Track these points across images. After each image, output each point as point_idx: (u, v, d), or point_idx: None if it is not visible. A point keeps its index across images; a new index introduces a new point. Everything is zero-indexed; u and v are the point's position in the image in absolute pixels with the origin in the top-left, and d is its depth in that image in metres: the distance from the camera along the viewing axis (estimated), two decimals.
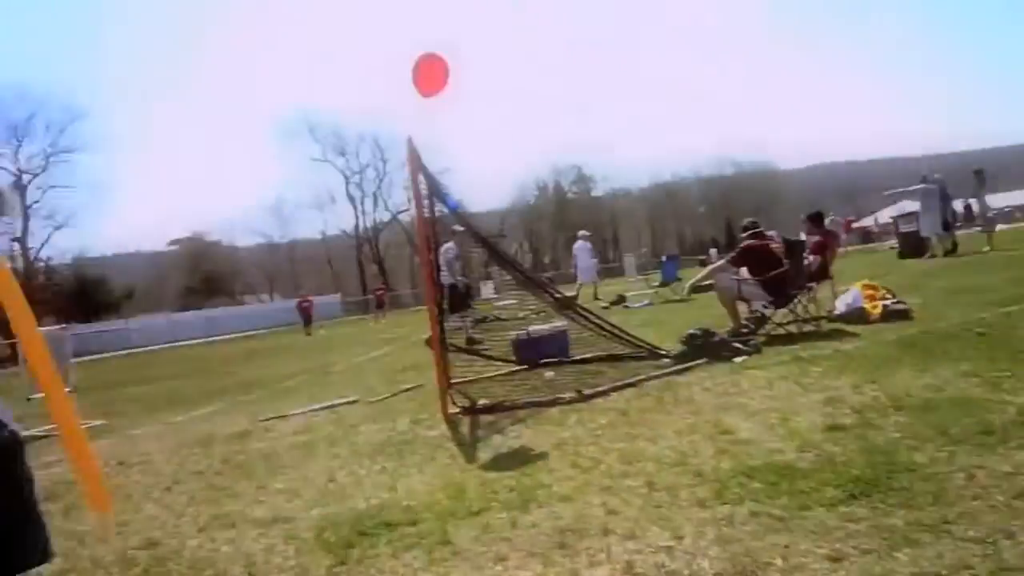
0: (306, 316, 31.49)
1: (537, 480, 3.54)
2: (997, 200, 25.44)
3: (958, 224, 19.43)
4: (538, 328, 7.84)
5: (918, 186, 17.73)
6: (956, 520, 2.41)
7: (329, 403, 7.14)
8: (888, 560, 2.21)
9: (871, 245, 38.61)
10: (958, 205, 20.18)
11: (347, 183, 76.26)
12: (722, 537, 2.55)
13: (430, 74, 5.66)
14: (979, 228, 17.02)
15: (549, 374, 6.85)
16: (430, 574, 2.65)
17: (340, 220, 78.48)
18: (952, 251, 16.82)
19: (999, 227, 21.54)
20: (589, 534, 2.77)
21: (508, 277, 9.02)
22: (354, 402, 7.09)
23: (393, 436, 5.10)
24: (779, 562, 2.30)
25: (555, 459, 3.90)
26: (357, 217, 77.12)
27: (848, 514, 2.59)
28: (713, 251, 34.40)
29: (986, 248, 16.22)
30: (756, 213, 12.82)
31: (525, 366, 7.53)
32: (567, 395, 5.58)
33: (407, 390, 7.33)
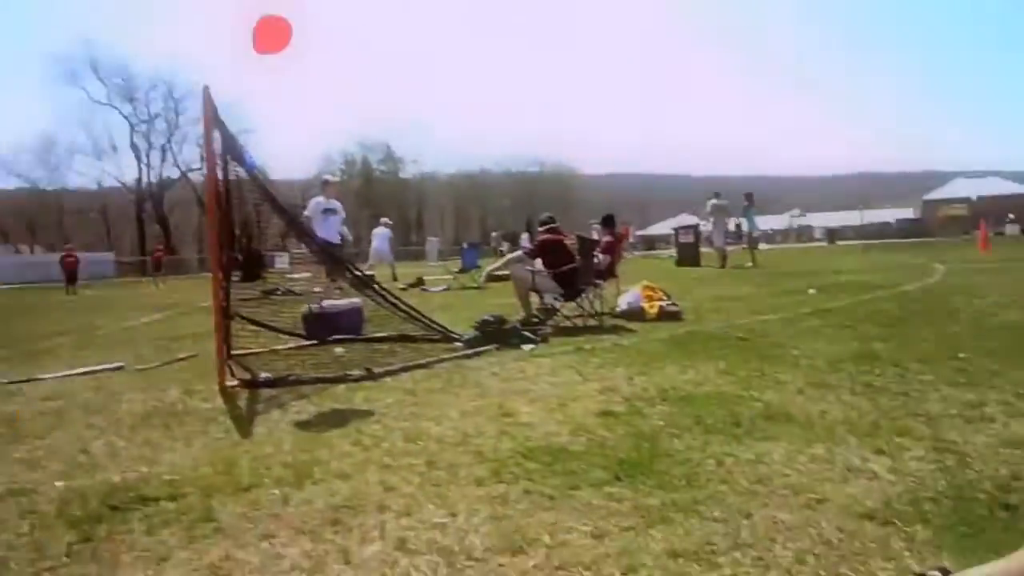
0: (70, 273, 28.30)
1: (315, 456, 3.42)
2: (761, 222, 28.31)
3: (729, 241, 21.43)
4: (331, 303, 7.61)
5: (713, 201, 19.36)
6: (704, 501, 2.63)
7: (90, 368, 6.48)
8: (644, 537, 2.36)
9: (654, 252, 41.66)
10: (729, 224, 22.36)
11: (132, 132, 69.15)
12: (495, 514, 2.60)
13: (271, 33, 5.29)
14: (744, 246, 18.92)
15: (339, 351, 6.68)
16: (187, 552, 2.47)
17: (121, 172, 71.04)
18: (722, 265, 18.54)
19: (761, 246, 24.28)
20: (364, 511, 2.71)
21: (303, 249, 8.67)
22: (119, 368, 6.49)
23: (161, 407, 4.72)
24: (546, 538, 2.38)
25: (336, 436, 3.79)
26: (141, 170, 70.23)
27: (612, 494, 2.74)
28: (506, 245, 35.42)
29: (749, 264, 18.05)
30: (554, 211, 13.32)
31: (314, 341, 7.28)
32: (355, 373, 5.46)
33: (182, 359, 6.83)
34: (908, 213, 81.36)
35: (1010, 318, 6.87)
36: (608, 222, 9.54)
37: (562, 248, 8.06)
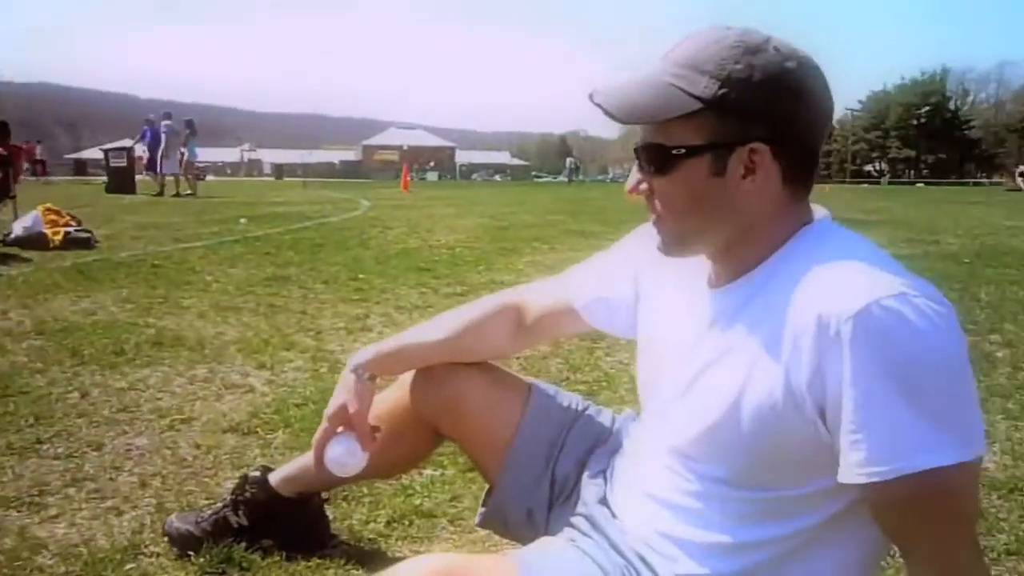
0: None
1: None
2: (214, 154, 27.26)
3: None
4: None
5: (168, 122, 17.56)
6: (50, 439, 2.29)
7: None
8: None
9: (85, 178, 37.01)
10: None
11: None
12: None
13: None
14: (184, 175, 17.92)
15: None
16: None
17: None
18: (160, 192, 17.32)
19: (209, 178, 23.40)
20: None
21: None
22: None
23: None
24: None
25: None
26: None
27: None
28: None
29: (189, 192, 17.25)
30: None
31: None
32: None
33: None
34: (350, 155, 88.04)
35: (409, 245, 7.83)
36: (0, 131, 7.94)
37: None
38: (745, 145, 0.91)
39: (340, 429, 1.30)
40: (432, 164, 78.88)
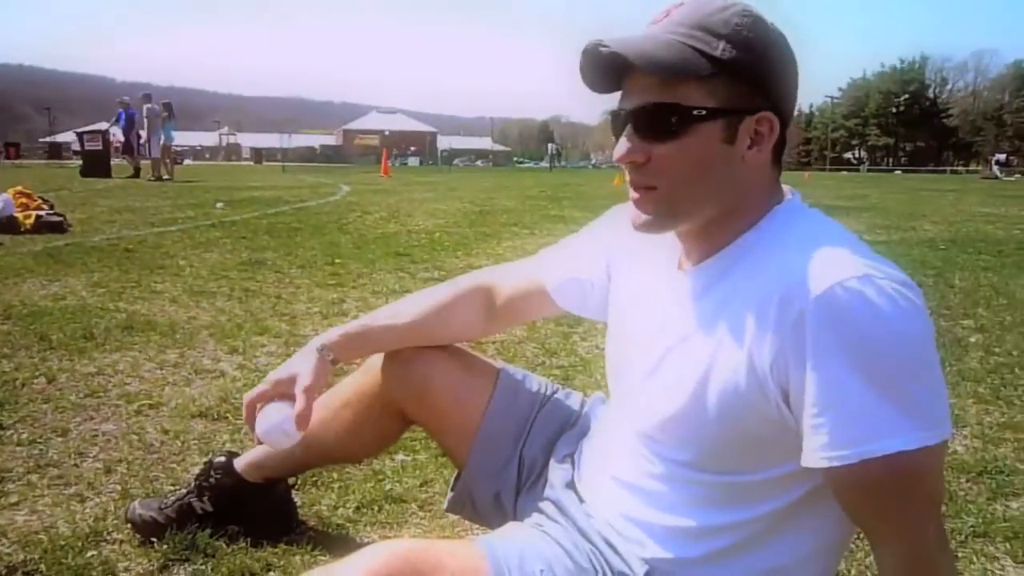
0: None
1: None
2: (186, 137, 26.96)
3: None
4: None
5: (150, 105, 17.29)
6: (13, 425, 2.24)
7: None
8: None
9: (64, 162, 36.45)
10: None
11: None
12: None
13: None
14: (162, 158, 17.66)
15: None
16: None
17: None
18: (135, 175, 17.09)
19: (187, 162, 23.10)
20: None
21: None
22: None
23: None
24: None
25: None
26: None
27: None
28: None
29: (166, 176, 17.02)
30: None
31: None
32: None
33: None
34: (330, 140, 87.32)
35: (388, 230, 7.77)
36: None
37: None
38: (755, 114, 0.90)
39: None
40: (413, 149, 78.42)
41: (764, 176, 0.95)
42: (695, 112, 0.88)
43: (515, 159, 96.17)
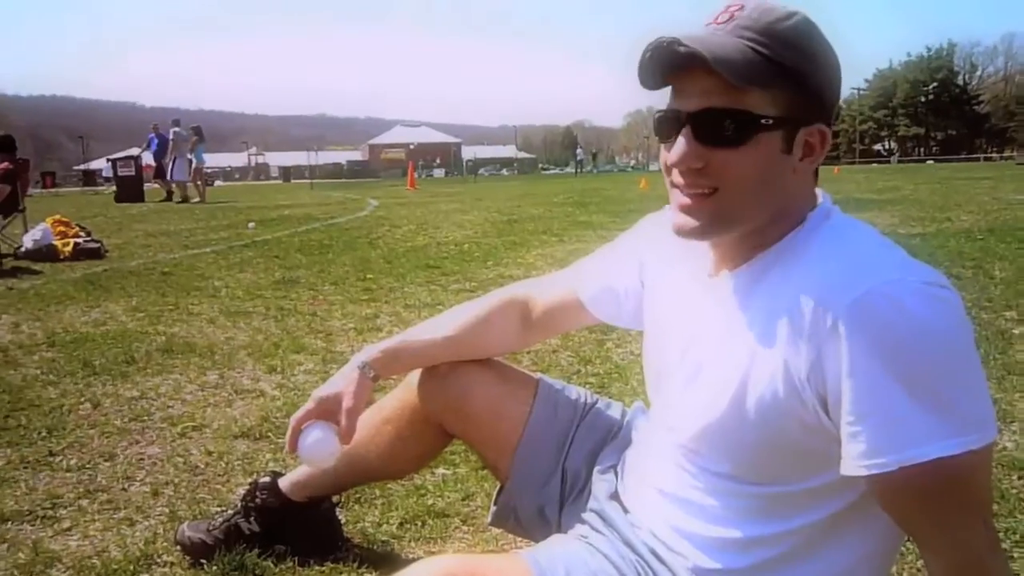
0: None
1: None
2: (216, 159, 27.39)
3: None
4: None
5: (177, 129, 17.64)
6: (62, 451, 2.30)
7: None
8: None
9: (98, 188, 37.21)
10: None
11: None
12: None
13: None
14: (192, 181, 17.98)
15: None
16: None
17: None
18: (167, 199, 17.40)
19: (218, 183, 23.52)
20: None
21: None
22: None
23: None
24: None
25: None
26: None
27: None
28: None
29: (197, 199, 17.30)
30: None
31: None
32: None
33: None
34: (357, 155, 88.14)
35: (417, 243, 7.82)
36: (6, 145, 7.96)
37: None
38: (811, 125, 0.90)
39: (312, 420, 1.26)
40: (438, 161, 78.84)
41: (807, 185, 0.95)
42: (762, 120, 0.87)
43: (540, 166, 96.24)
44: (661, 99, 0.96)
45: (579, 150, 61.66)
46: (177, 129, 17.79)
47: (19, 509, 1.92)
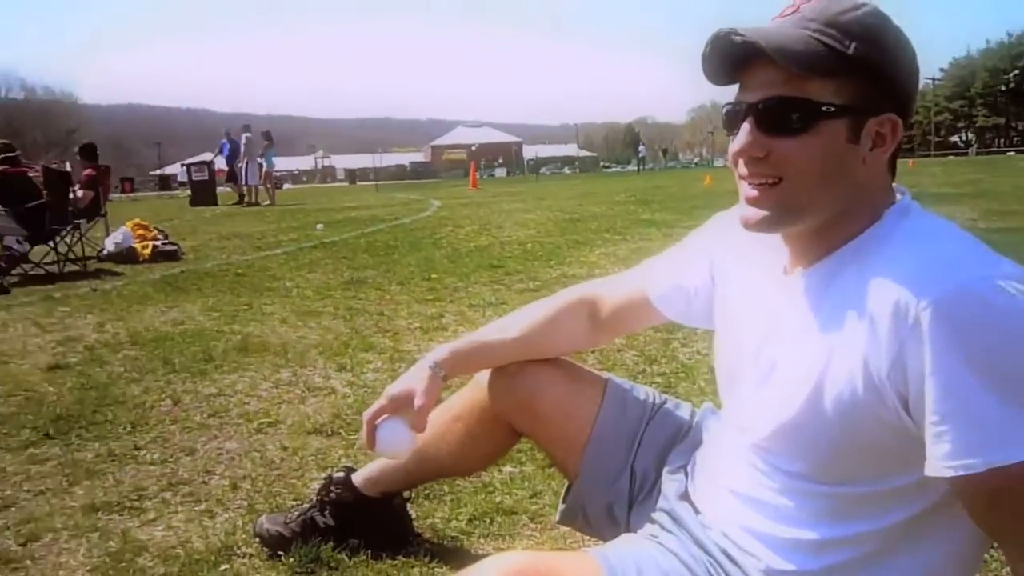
0: None
1: None
2: (284, 162, 28.06)
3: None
4: None
5: (248, 134, 18.22)
6: (146, 446, 2.40)
7: None
8: (60, 497, 2.05)
9: (173, 192, 38.62)
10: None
11: None
12: None
13: None
14: (263, 184, 18.51)
15: None
16: None
17: None
18: (239, 202, 17.93)
19: (286, 186, 24.13)
20: None
21: None
22: None
23: None
24: None
25: None
26: None
27: (35, 455, 2.35)
28: None
29: (267, 202, 17.79)
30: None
31: None
32: None
33: None
34: (419, 156, 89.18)
35: (480, 243, 7.88)
36: (88, 152, 8.35)
37: (24, 182, 6.82)
38: (880, 115, 0.89)
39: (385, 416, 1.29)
40: (500, 160, 79.18)
41: (881, 178, 0.93)
42: (823, 108, 0.86)
43: (601, 164, 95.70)
44: (727, 93, 0.97)
45: (641, 147, 60.93)
46: (248, 135, 18.31)
47: (108, 500, 2.02)
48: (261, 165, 18.34)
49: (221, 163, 19.28)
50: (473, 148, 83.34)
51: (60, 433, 2.53)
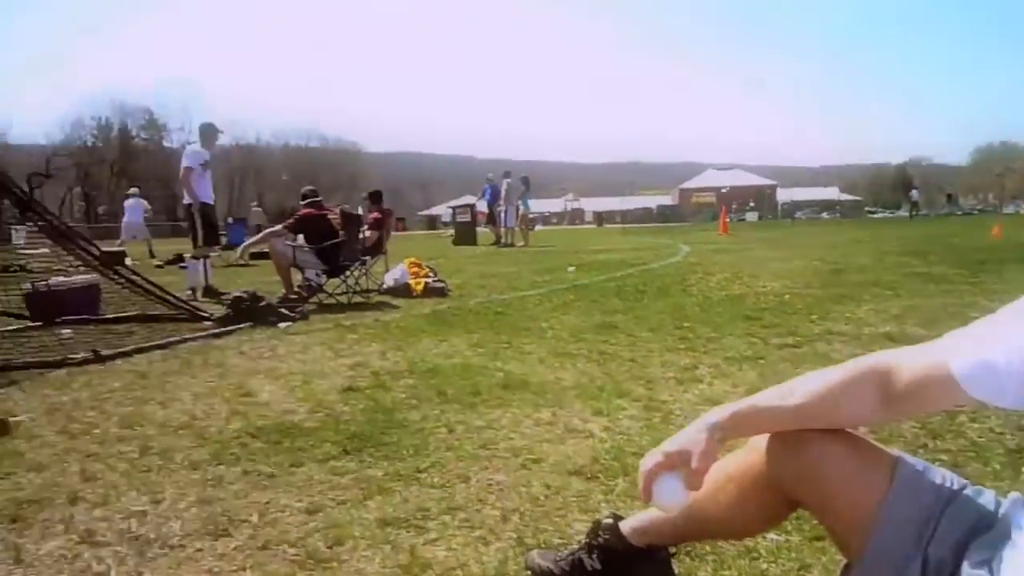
0: None
1: (9, 448, 3.03)
2: (540, 205, 29.42)
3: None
4: (61, 280, 6.84)
5: (509, 180, 19.68)
6: (428, 469, 2.65)
7: None
8: (358, 508, 2.33)
9: (435, 231, 42.03)
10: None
11: None
12: (204, 498, 2.44)
13: None
14: (519, 227, 19.59)
15: (66, 332, 6.00)
16: None
17: None
18: (496, 243, 19.09)
19: (538, 228, 25.40)
20: (52, 504, 2.43)
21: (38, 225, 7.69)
22: None
23: None
24: (255, 518, 2.27)
25: (42, 425, 3.39)
26: None
27: (336, 468, 2.68)
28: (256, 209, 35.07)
29: (521, 243, 18.74)
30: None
31: (39, 323, 6.50)
32: (79, 355, 4.93)
33: None
34: (667, 200, 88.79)
35: (733, 291, 7.68)
36: (375, 198, 9.43)
37: (324, 223, 7.84)
38: None
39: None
40: (751, 204, 76.48)
41: None
42: None
43: (866, 208, 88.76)
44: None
45: (914, 191, 55.56)
46: (509, 180, 19.53)
47: (397, 516, 2.26)
48: (518, 208, 19.45)
49: (482, 206, 20.71)
50: (723, 191, 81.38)
51: (355, 450, 2.87)
